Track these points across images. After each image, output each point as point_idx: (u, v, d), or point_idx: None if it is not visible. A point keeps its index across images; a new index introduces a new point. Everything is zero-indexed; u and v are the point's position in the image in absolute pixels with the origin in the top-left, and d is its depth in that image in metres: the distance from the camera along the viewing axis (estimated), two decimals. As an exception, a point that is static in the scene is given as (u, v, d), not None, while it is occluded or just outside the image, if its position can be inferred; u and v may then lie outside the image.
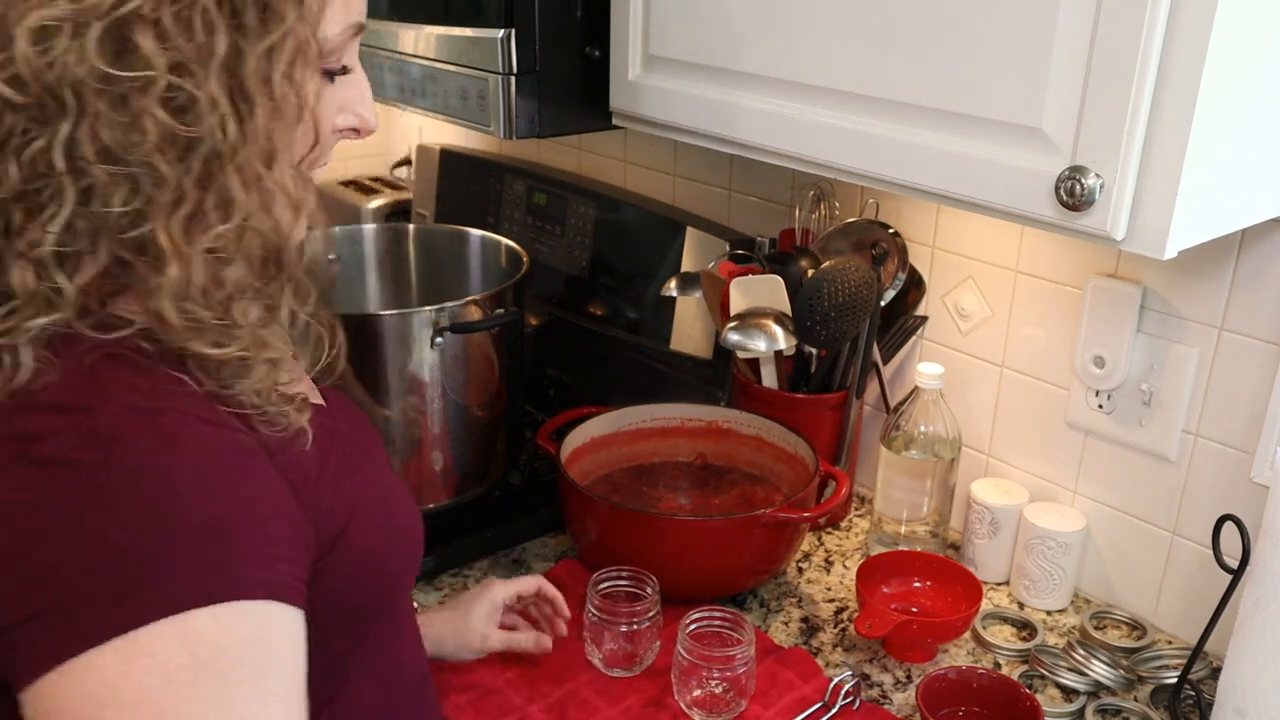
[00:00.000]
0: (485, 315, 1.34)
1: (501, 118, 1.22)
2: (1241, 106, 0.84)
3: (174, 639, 0.56)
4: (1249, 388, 1.12)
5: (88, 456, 0.58)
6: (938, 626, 1.18)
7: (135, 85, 0.59)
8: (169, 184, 0.61)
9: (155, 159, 0.60)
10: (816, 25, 1.00)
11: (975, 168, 0.92)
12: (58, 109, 0.59)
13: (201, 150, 0.61)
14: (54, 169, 0.59)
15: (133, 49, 0.59)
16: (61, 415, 0.59)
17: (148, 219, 0.61)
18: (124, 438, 0.58)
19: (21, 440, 0.58)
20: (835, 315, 1.31)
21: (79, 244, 0.61)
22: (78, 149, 0.59)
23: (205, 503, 0.59)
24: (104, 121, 0.59)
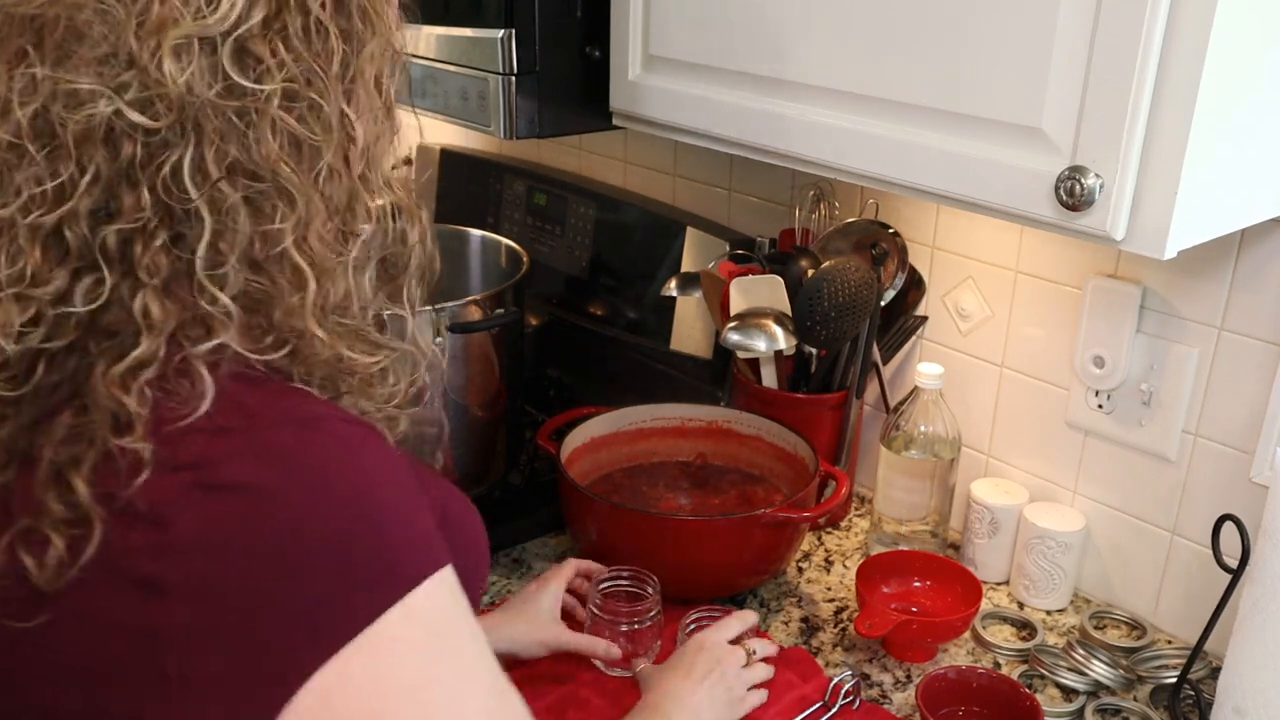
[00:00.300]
0: (485, 315, 1.34)
1: (501, 118, 1.22)
2: (1241, 106, 0.84)
3: (408, 619, 0.59)
4: (1249, 388, 1.12)
5: (269, 478, 0.57)
6: (937, 626, 1.18)
7: (259, 98, 0.59)
8: (298, 196, 0.61)
9: (282, 170, 0.60)
10: (816, 25, 1.00)
11: (975, 168, 0.92)
12: (184, 130, 0.58)
13: (324, 158, 0.62)
14: (186, 191, 0.58)
15: (257, 63, 0.59)
16: (220, 439, 0.58)
17: (282, 235, 0.61)
18: (295, 452, 0.59)
19: (191, 468, 0.57)
20: (835, 315, 1.31)
21: (223, 267, 0.60)
22: (206, 169, 0.58)
23: (386, 499, 0.61)
24: (230, 138, 0.59)
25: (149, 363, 0.58)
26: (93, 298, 0.58)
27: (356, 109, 0.64)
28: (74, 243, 0.58)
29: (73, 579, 0.56)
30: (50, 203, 0.57)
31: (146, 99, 0.57)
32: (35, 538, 0.57)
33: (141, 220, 0.58)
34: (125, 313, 0.59)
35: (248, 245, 0.60)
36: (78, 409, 0.58)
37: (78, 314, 0.58)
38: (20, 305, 0.58)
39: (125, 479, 0.56)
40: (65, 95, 0.57)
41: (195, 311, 0.60)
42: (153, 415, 0.58)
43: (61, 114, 0.57)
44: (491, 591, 1.28)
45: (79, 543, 0.56)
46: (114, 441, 0.57)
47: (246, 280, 0.61)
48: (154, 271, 0.59)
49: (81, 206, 0.57)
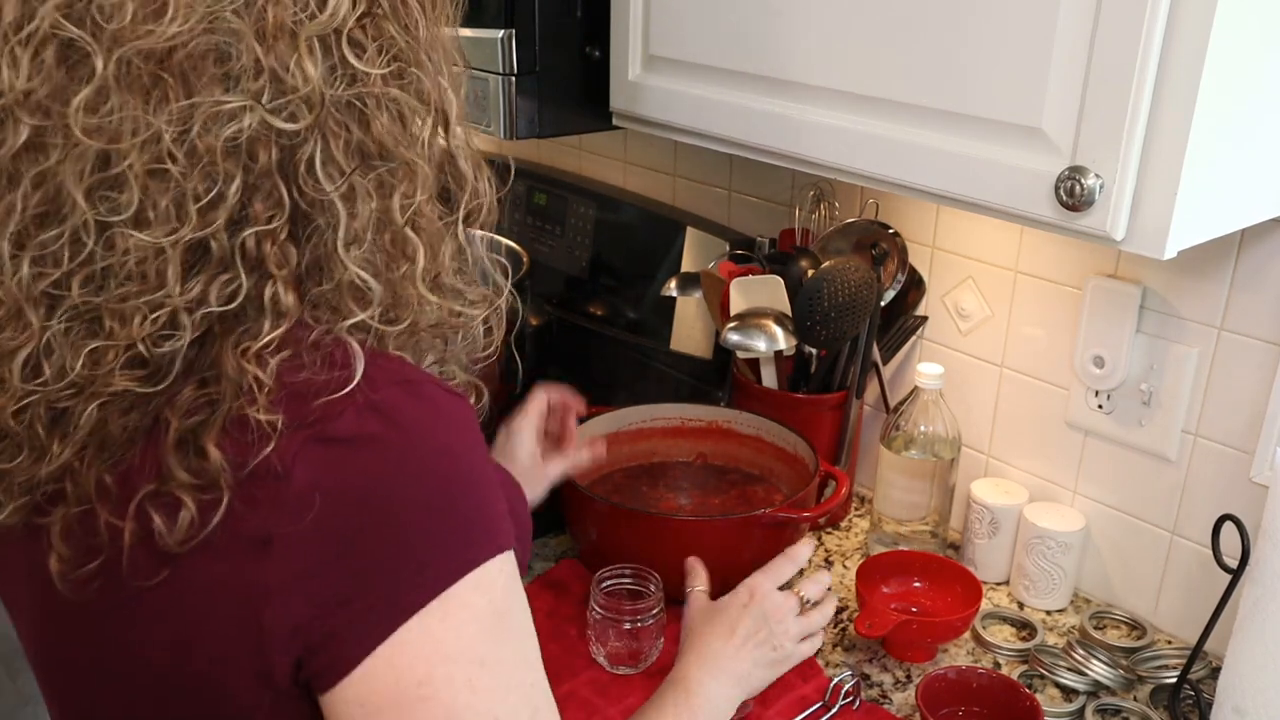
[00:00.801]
0: (485, 315, 1.34)
1: (501, 118, 1.22)
2: (1241, 106, 0.84)
3: (479, 590, 0.61)
4: (1249, 388, 1.12)
5: (378, 430, 0.60)
6: (937, 626, 1.18)
7: (368, 80, 0.61)
8: (415, 169, 0.64)
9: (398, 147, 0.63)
10: (816, 25, 1.00)
11: (975, 168, 0.92)
12: (314, 127, 0.60)
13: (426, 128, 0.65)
14: (319, 185, 0.61)
15: (363, 48, 0.61)
16: (340, 401, 0.60)
17: (399, 209, 0.64)
18: (400, 408, 0.61)
19: (308, 426, 0.59)
20: (835, 315, 1.31)
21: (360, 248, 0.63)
22: (337, 158, 0.61)
23: (473, 463, 0.63)
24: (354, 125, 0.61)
25: (276, 343, 0.60)
26: (226, 298, 0.60)
27: (441, 70, 0.67)
28: (216, 251, 0.60)
29: (200, 541, 0.59)
30: (196, 221, 0.59)
31: (282, 104, 0.59)
32: (165, 500, 0.59)
33: (272, 220, 0.60)
34: (251, 302, 0.61)
35: (376, 223, 0.63)
36: (201, 381, 0.60)
37: (212, 312, 0.60)
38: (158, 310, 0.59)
39: (257, 446, 0.58)
40: (208, 116, 0.58)
41: (324, 291, 0.63)
42: (280, 386, 0.60)
43: (206, 134, 0.58)
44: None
45: (209, 507, 0.59)
46: (246, 409, 0.59)
47: (374, 258, 0.64)
48: (282, 264, 0.61)
49: (222, 219, 0.59)
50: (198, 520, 0.59)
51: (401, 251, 0.65)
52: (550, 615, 1.24)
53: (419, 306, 0.66)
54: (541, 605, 1.25)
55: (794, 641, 1.03)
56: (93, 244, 0.58)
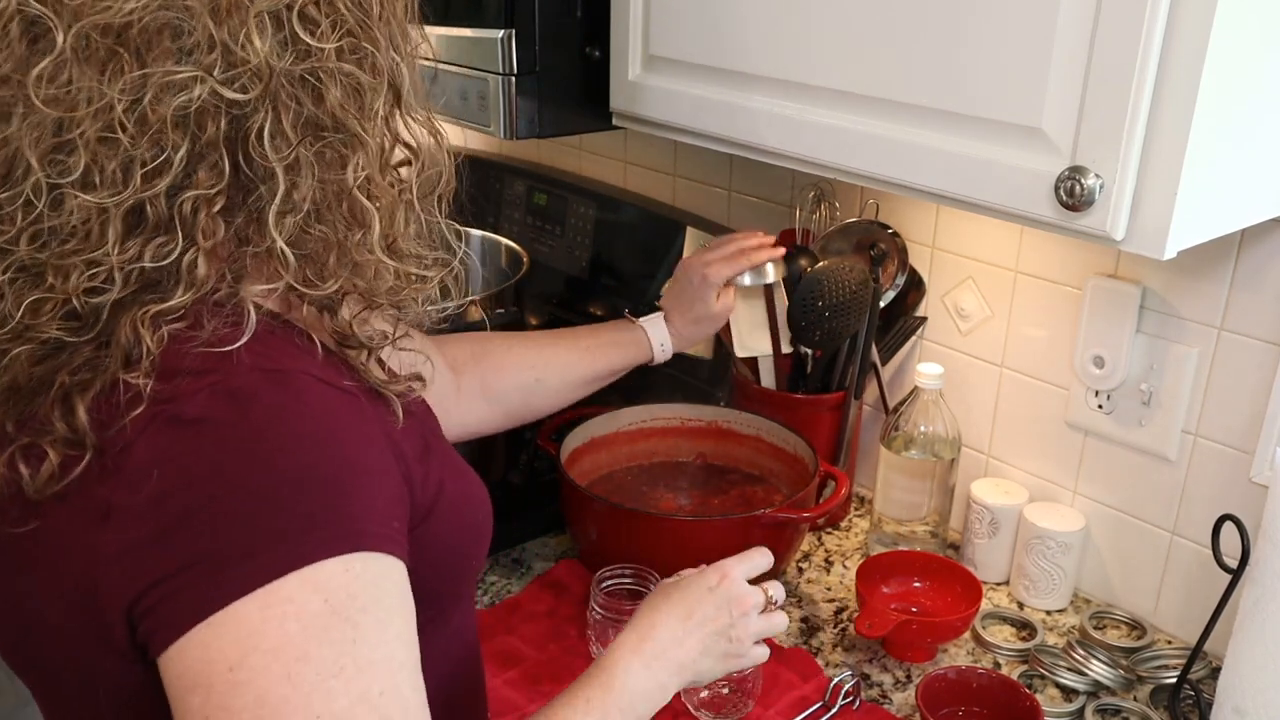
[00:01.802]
0: (485, 315, 1.34)
1: (501, 118, 1.22)
2: (1241, 106, 0.84)
3: (310, 587, 0.60)
4: (1249, 388, 1.12)
5: (226, 415, 0.61)
6: (937, 626, 1.18)
7: (321, 56, 0.64)
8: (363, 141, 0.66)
9: (343, 119, 0.65)
10: (817, 25, 1.00)
11: (975, 168, 0.92)
12: (264, 98, 0.63)
13: (379, 102, 0.67)
14: (267, 154, 0.63)
15: (315, 24, 0.64)
16: (198, 378, 0.62)
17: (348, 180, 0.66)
18: (255, 396, 0.62)
19: (162, 403, 0.61)
20: (829, 315, 1.31)
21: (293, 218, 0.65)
22: (285, 130, 0.63)
23: (334, 461, 0.63)
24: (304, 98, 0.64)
25: (176, 310, 0.63)
26: (159, 256, 0.63)
27: (399, 55, 0.69)
28: (153, 215, 0.63)
29: (57, 493, 0.62)
30: (140, 185, 0.62)
31: (231, 76, 0.62)
32: (34, 452, 0.63)
33: (212, 188, 0.63)
34: (173, 269, 0.63)
35: (316, 193, 0.65)
36: (99, 344, 0.63)
37: (145, 270, 0.63)
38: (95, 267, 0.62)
39: (123, 411, 0.61)
40: (159, 86, 0.61)
41: (236, 262, 0.65)
42: (163, 356, 0.62)
43: (157, 103, 0.61)
44: (491, 592, 1.29)
45: (71, 462, 0.62)
46: (123, 374, 0.61)
47: (308, 227, 0.66)
48: (210, 234, 0.63)
49: (162, 185, 0.62)
50: (58, 473, 0.62)
51: (357, 219, 0.67)
52: (550, 615, 1.24)
53: (376, 271, 0.69)
54: (541, 605, 1.25)
55: (752, 639, 0.93)
56: (42, 205, 0.62)
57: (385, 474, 0.67)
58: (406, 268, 0.71)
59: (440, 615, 0.80)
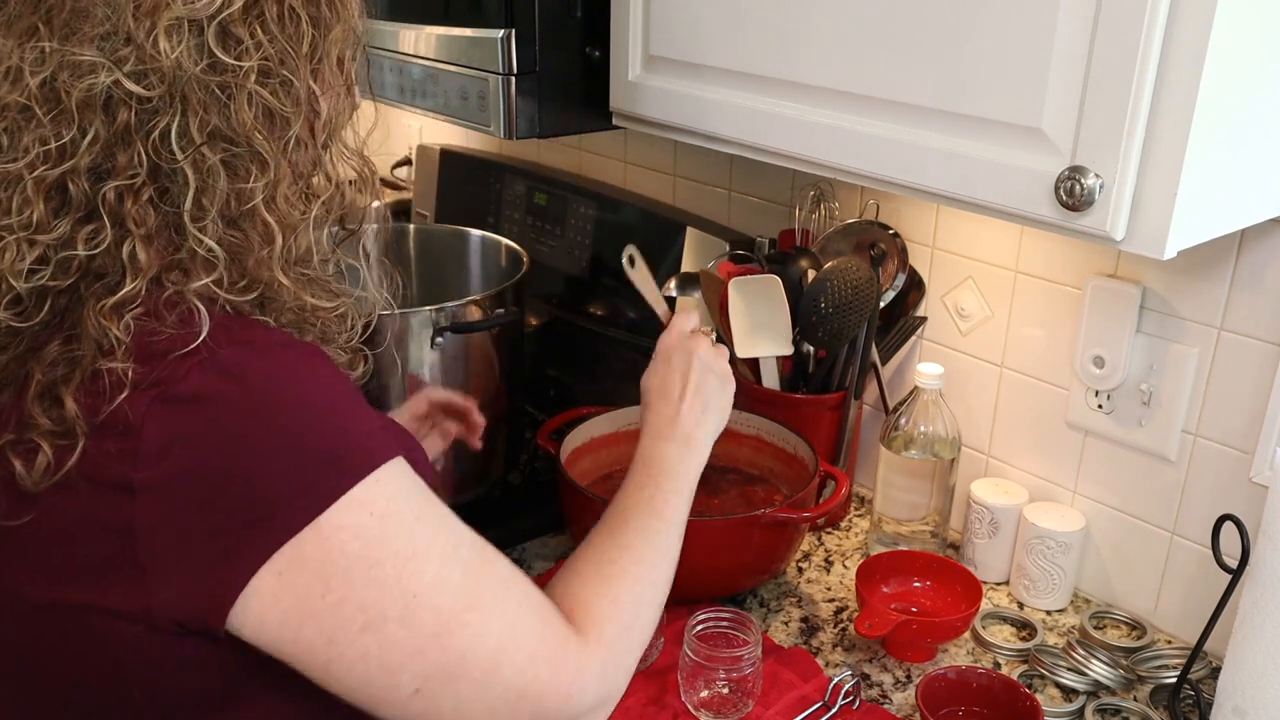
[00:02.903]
0: (485, 315, 1.34)
1: (501, 118, 1.22)
2: (1241, 106, 0.84)
3: (354, 509, 0.67)
4: (1249, 388, 1.12)
5: (224, 387, 0.65)
6: (938, 626, 1.18)
7: (238, 74, 0.67)
8: (270, 161, 0.69)
9: (255, 138, 0.68)
10: (817, 26, 1.00)
11: (975, 168, 0.92)
12: (172, 100, 0.66)
13: (293, 129, 0.70)
14: (174, 154, 0.66)
15: (236, 42, 0.67)
16: (182, 361, 0.66)
17: (254, 194, 0.69)
18: (243, 364, 0.67)
19: (156, 386, 0.65)
20: (833, 314, 1.31)
21: (206, 218, 0.68)
22: (190, 134, 0.67)
23: (329, 397, 0.69)
24: (211, 108, 0.67)
25: (134, 300, 0.67)
26: (93, 244, 0.67)
27: (322, 86, 0.73)
28: (76, 196, 0.66)
29: (56, 483, 0.65)
30: (54, 160, 0.66)
31: (141, 71, 0.65)
32: (25, 447, 0.66)
33: (136, 178, 0.67)
34: (114, 258, 0.67)
35: (225, 201, 0.69)
36: (66, 339, 0.67)
37: (79, 257, 0.67)
38: (29, 247, 0.67)
39: (109, 397, 0.65)
40: (71, 66, 0.65)
41: (178, 257, 0.69)
42: (134, 343, 0.66)
43: (67, 82, 0.65)
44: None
45: (64, 452, 0.65)
46: (101, 363, 0.65)
47: (224, 233, 0.69)
48: (140, 222, 0.67)
49: (82, 164, 0.66)
50: (53, 464, 0.65)
51: (259, 233, 0.71)
52: (550, 615, 1.23)
53: (275, 289, 0.72)
54: (541, 605, 1.25)
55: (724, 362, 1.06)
56: None
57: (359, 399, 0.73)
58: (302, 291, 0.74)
59: None
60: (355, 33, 0.75)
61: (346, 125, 0.78)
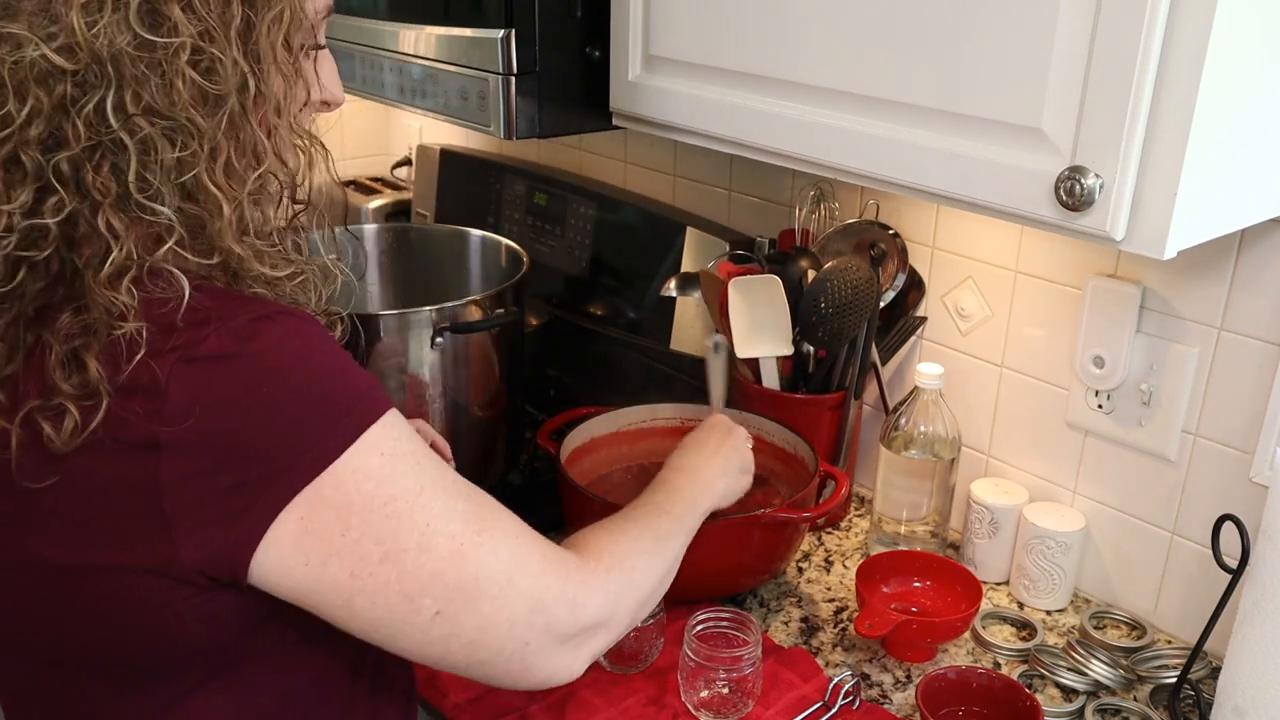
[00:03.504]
0: (485, 315, 1.34)
1: (501, 118, 1.22)
2: (1241, 106, 0.84)
3: (367, 450, 0.72)
4: (1249, 388, 1.12)
5: (241, 347, 0.70)
6: (937, 626, 1.18)
7: (168, 51, 0.69)
8: (205, 135, 0.71)
9: (191, 114, 0.70)
10: (817, 25, 1.00)
11: (975, 168, 0.92)
12: (103, 74, 0.68)
13: (228, 105, 0.72)
14: (110, 126, 0.69)
15: (164, 19, 0.69)
16: (199, 329, 0.70)
17: (194, 166, 0.71)
18: (256, 331, 0.71)
19: (176, 350, 0.69)
20: (833, 314, 1.31)
21: (151, 189, 0.71)
22: (125, 108, 0.69)
23: (333, 360, 0.74)
24: (144, 83, 0.69)
25: (128, 267, 0.70)
26: (58, 213, 0.70)
27: (260, 67, 0.74)
28: (30, 166, 0.69)
29: (83, 443, 0.69)
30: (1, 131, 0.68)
31: (67, 45, 0.68)
32: (52, 410, 0.69)
33: (82, 148, 0.69)
34: (92, 228, 0.70)
35: (170, 173, 0.71)
36: (76, 309, 0.71)
37: (49, 228, 0.70)
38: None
39: (126, 358, 0.69)
40: (5, 39, 0.68)
41: (148, 227, 0.72)
42: (143, 306, 0.70)
43: (3, 57, 0.68)
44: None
45: (89, 412, 0.69)
46: (116, 327, 0.69)
47: (180, 205, 0.72)
48: (105, 193, 0.70)
49: (30, 135, 0.68)
50: (80, 424, 0.69)
51: (208, 205, 0.73)
52: (550, 615, 1.23)
53: (235, 258, 0.75)
54: (541, 605, 1.25)
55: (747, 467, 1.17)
56: None
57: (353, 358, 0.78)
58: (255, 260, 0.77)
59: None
60: (301, 15, 0.77)
61: (304, 108, 0.80)
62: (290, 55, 0.76)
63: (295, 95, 0.78)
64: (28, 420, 0.70)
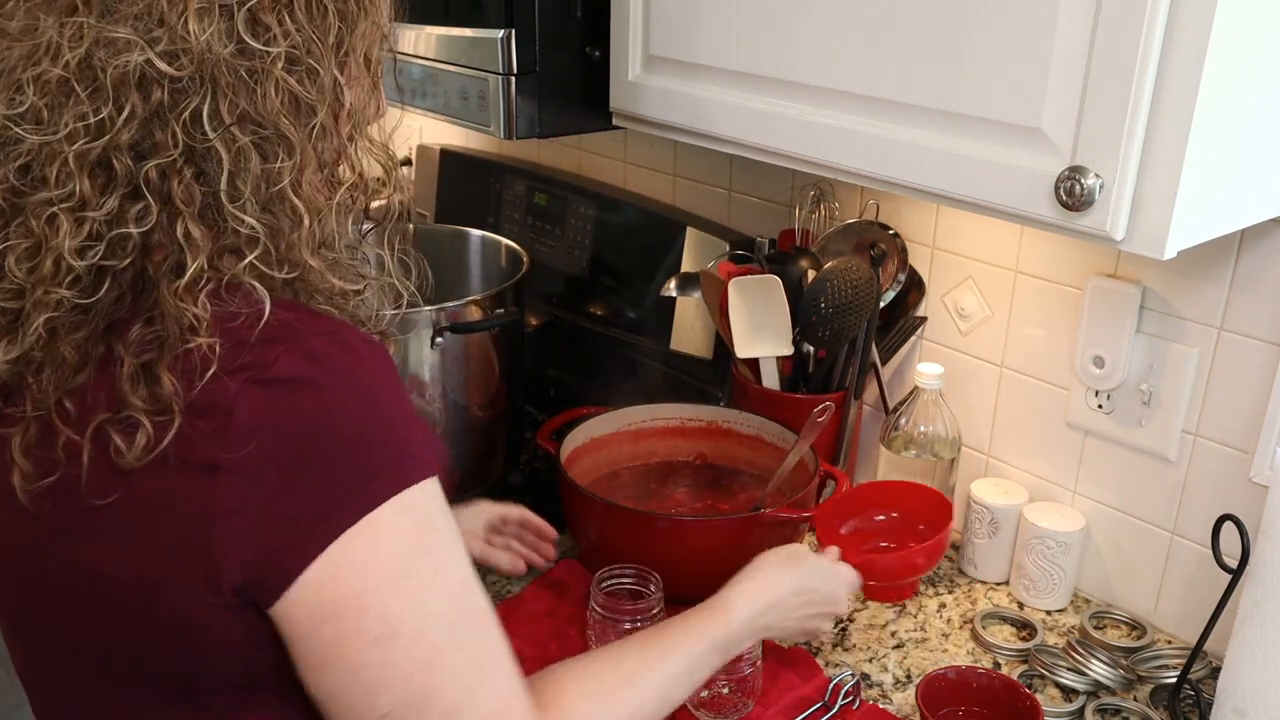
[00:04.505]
0: (485, 315, 1.34)
1: (501, 118, 1.22)
2: (1241, 106, 0.84)
3: (403, 511, 0.70)
4: (1249, 388, 1.12)
5: (310, 374, 0.68)
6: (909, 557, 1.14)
7: (266, 60, 0.69)
8: (296, 145, 0.71)
9: (282, 124, 0.70)
10: (816, 25, 1.00)
11: (975, 168, 0.92)
12: (202, 81, 0.68)
13: (318, 117, 0.72)
14: (205, 134, 0.68)
15: (264, 29, 0.69)
16: (272, 346, 0.68)
17: (281, 177, 0.71)
18: (328, 355, 0.69)
19: (247, 369, 0.67)
20: (833, 314, 1.31)
21: (242, 198, 0.70)
22: (221, 116, 0.68)
23: (397, 403, 0.72)
24: (240, 92, 0.69)
25: (201, 277, 0.69)
26: (143, 222, 0.68)
27: (347, 78, 0.74)
28: (120, 172, 0.68)
29: (150, 460, 0.67)
30: (93, 134, 0.67)
31: (173, 51, 0.67)
32: (125, 424, 0.67)
33: (173, 156, 0.68)
34: (170, 237, 0.69)
35: (257, 183, 0.70)
36: (147, 320, 0.69)
37: (133, 236, 0.68)
38: (78, 224, 0.68)
39: (199, 374, 0.67)
40: (106, 43, 0.67)
41: (225, 239, 0.70)
42: (215, 320, 0.68)
43: (103, 59, 0.66)
44: (492, 591, 1.28)
45: (162, 428, 0.67)
46: (188, 342, 0.67)
47: (259, 215, 0.71)
48: (188, 201, 0.69)
49: (122, 140, 0.67)
50: (153, 439, 0.67)
51: (288, 216, 0.72)
52: (550, 615, 1.24)
53: (306, 270, 0.74)
54: (541, 605, 1.25)
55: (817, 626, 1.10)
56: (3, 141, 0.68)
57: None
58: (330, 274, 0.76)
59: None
60: (382, 31, 0.78)
61: (373, 120, 0.80)
62: (369, 69, 0.77)
63: (370, 108, 0.79)
64: (98, 433, 0.68)
